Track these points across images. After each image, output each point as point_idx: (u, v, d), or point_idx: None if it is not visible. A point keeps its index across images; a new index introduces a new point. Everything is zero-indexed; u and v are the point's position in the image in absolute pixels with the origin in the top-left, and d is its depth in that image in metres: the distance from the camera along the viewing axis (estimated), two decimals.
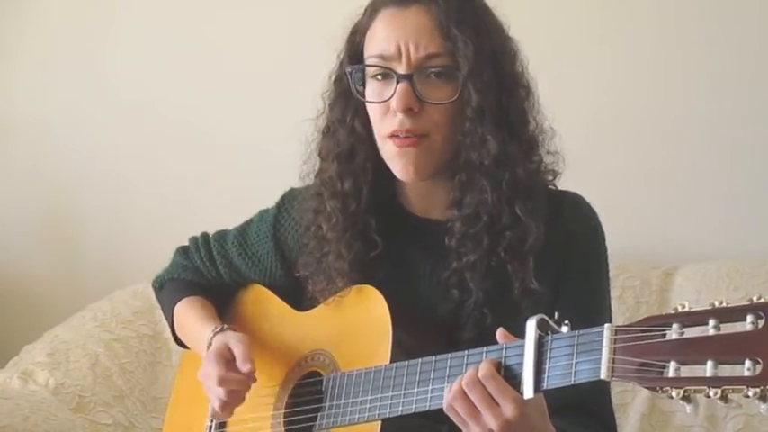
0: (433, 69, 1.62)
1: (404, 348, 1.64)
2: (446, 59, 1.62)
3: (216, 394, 1.73)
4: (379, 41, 1.65)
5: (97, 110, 3.10)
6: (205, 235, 2.00)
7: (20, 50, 3.16)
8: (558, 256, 1.69)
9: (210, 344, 1.80)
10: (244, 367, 1.71)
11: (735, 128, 2.68)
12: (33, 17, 3.13)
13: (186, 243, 2.03)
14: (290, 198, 1.89)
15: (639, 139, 2.74)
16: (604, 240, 1.75)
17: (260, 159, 2.90)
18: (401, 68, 1.62)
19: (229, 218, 2.00)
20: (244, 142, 2.98)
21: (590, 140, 2.70)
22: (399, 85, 1.62)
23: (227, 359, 1.74)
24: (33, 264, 3.15)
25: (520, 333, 1.47)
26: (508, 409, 1.44)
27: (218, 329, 1.82)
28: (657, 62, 2.71)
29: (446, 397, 1.49)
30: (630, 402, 2.45)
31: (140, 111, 3.06)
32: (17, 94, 3.17)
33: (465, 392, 1.46)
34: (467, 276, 1.66)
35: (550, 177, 1.73)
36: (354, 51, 1.70)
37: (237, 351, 1.73)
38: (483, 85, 1.61)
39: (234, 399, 1.73)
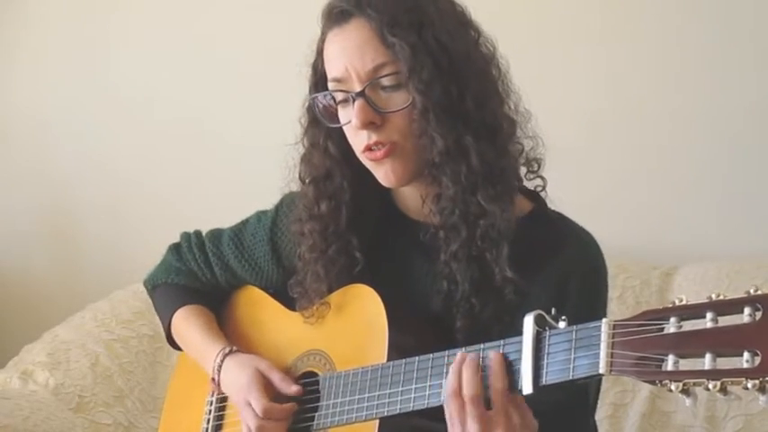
0: (382, 79, 1.63)
1: (400, 346, 1.64)
2: (392, 67, 1.62)
3: (257, 426, 1.74)
4: (332, 65, 1.66)
5: (97, 109, 3.11)
6: (198, 234, 1.99)
7: (19, 49, 3.16)
8: (553, 289, 1.66)
9: (221, 366, 1.82)
10: (291, 389, 1.75)
11: (735, 128, 2.68)
12: (33, 16, 3.13)
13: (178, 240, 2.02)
14: (288, 201, 1.89)
15: (639, 138, 2.73)
16: (605, 281, 1.73)
17: (261, 158, 2.87)
18: (355, 86, 1.63)
19: (230, 217, 2.00)
20: (245, 141, 2.98)
21: (590, 140, 2.70)
22: (355, 102, 1.62)
23: (266, 385, 1.76)
24: (33, 264, 3.16)
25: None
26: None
27: (226, 351, 1.83)
28: (657, 62, 2.71)
29: (454, 381, 1.50)
30: (630, 402, 2.44)
31: (141, 110, 3.07)
32: (17, 93, 3.17)
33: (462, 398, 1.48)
34: (453, 267, 1.66)
35: (534, 167, 1.73)
36: (319, 76, 1.72)
37: (276, 378, 1.76)
38: (424, 85, 1.60)
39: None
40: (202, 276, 1.97)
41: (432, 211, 1.67)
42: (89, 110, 3.11)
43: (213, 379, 1.83)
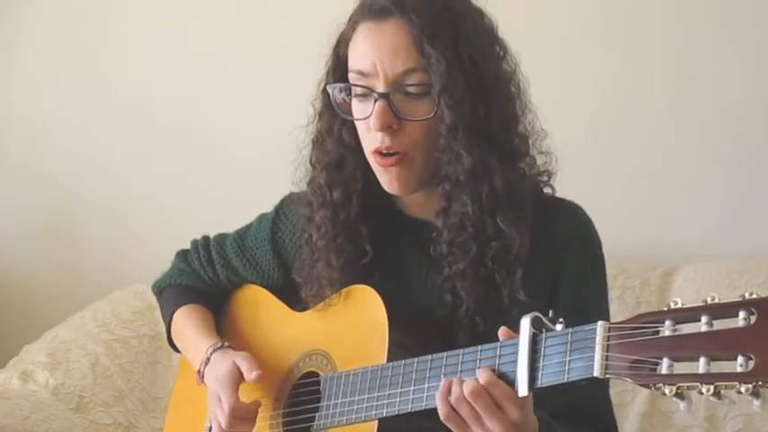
0: (409, 86, 1.62)
1: (400, 348, 1.64)
2: (422, 76, 1.61)
3: (224, 421, 1.75)
4: (358, 57, 1.65)
5: (96, 109, 3.11)
6: (206, 237, 2.01)
7: (18, 49, 3.16)
8: (551, 265, 1.68)
9: (209, 359, 1.82)
10: (251, 375, 1.74)
11: (734, 127, 2.68)
12: (32, 16, 3.13)
13: (187, 245, 2.04)
14: (288, 202, 1.90)
15: (639, 138, 2.73)
16: (601, 249, 1.74)
17: (260, 159, 2.90)
18: (379, 86, 1.62)
19: (229, 218, 2.01)
20: (243, 142, 2.98)
21: (589, 140, 2.70)
22: (377, 103, 1.62)
23: (241, 380, 1.76)
24: (33, 264, 3.15)
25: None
26: (511, 411, 1.45)
27: (217, 346, 1.83)
28: (657, 62, 2.71)
29: (443, 407, 1.48)
30: (630, 402, 2.44)
31: (140, 110, 3.07)
32: (15, 93, 3.17)
33: (468, 401, 1.46)
34: (457, 284, 1.66)
35: (545, 178, 1.73)
36: (339, 63, 1.70)
37: (244, 365, 1.75)
38: (455, 102, 1.59)
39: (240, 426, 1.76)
40: (205, 275, 1.98)
41: (442, 224, 1.67)
42: (88, 110, 3.11)
43: (198, 371, 1.83)
